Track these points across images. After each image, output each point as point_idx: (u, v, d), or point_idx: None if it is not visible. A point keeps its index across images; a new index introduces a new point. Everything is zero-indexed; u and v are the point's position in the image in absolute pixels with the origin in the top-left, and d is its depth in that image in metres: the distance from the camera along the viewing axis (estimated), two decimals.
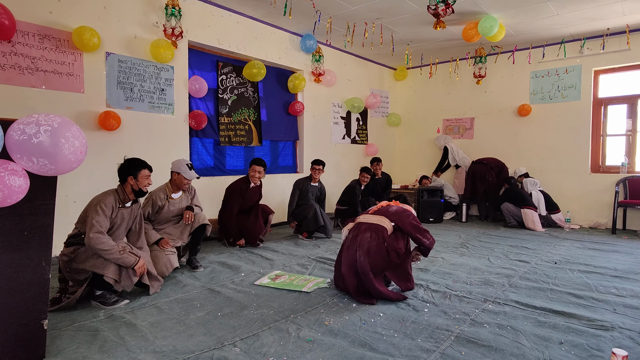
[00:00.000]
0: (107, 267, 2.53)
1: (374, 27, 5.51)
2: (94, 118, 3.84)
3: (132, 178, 2.70)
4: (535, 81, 6.38)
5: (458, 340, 2.11)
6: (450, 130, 7.37)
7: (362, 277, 2.66)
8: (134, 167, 2.71)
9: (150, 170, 2.80)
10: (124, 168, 2.72)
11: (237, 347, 2.02)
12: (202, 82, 4.70)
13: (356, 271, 2.68)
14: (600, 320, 2.36)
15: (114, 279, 2.54)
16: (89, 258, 2.55)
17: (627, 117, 5.80)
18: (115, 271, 2.55)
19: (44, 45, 3.52)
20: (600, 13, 4.93)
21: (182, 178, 3.39)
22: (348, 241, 2.82)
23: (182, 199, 3.52)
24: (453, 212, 6.70)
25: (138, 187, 2.72)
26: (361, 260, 2.64)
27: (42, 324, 1.88)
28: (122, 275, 2.59)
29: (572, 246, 4.51)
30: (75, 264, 2.56)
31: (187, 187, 3.49)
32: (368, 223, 2.83)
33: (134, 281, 2.65)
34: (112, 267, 2.55)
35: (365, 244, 2.69)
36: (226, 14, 4.96)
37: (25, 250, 1.81)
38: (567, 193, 6.08)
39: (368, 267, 2.64)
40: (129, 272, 2.62)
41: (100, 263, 2.54)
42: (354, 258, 2.69)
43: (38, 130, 1.66)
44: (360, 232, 2.77)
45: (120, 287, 2.59)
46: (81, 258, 2.57)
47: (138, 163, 2.74)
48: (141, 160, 2.79)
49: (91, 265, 2.54)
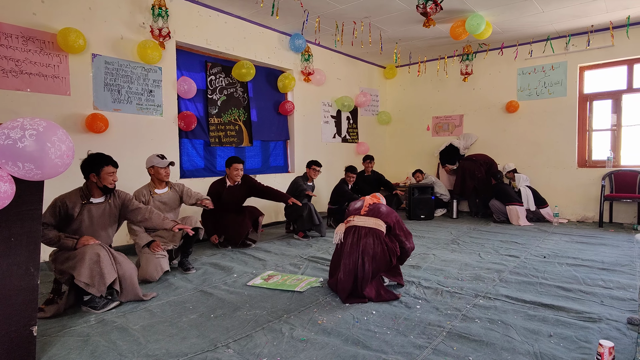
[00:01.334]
0: (79, 269, 2.42)
1: (362, 25, 5.52)
2: (80, 121, 3.78)
3: (94, 175, 2.65)
4: (522, 78, 6.46)
5: (450, 336, 2.14)
6: (439, 128, 7.43)
7: (360, 283, 2.64)
8: (96, 164, 2.65)
9: (115, 166, 2.73)
10: (86, 165, 2.66)
11: (231, 349, 2.02)
12: (190, 82, 4.67)
13: (355, 277, 2.65)
14: (588, 313, 2.41)
15: (84, 282, 2.43)
16: (66, 260, 2.51)
17: (612, 112, 5.91)
18: (87, 274, 2.43)
19: (28, 47, 3.47)
20: (584, 10, 5.01)
21: (157, 169, 3.40)
22: (347, 247, 2.71)
23: (170, 195, 3.51)
24: (444, 208, 6.76)
25: (102, 183, 2.67)
26: (366, 267, 2.63)
27: (31, 330, 1.85)
28: (95, 278, 2.46)
29: (561, 240, 4.59)
30: (57, 264, 2.54)
31: (167, 177, 3.47)
32: (367, 227, 2.76)
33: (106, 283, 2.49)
34: (85, 270, 2.43)
35: (370, 251, 2.66)
36: (214, 14, 4.92)
37: (12, 257, 1.79)
38: (555, 188, 6.18)
39: (371, 273, 2.65)
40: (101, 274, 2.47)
41: (73, 265, 2.46)
42: (356, 265, 2.65)
43: (23, 134, 1.64)
44: (362, 237, 2.71)
45: (94, 291, 2.46)
46: (60, 259, 2.54)
47: (101, 160, 2.67)
48: (105, 156, 2.71)
49: (68, 267, 2.49)
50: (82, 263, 2.44)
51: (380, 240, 2.72)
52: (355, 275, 2.65)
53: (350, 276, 2.65)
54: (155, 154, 3.46)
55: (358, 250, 2.67)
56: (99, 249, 2.54)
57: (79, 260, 2.45)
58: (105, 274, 2.49)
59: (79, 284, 2.43)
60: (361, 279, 2.64)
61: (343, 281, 2.66)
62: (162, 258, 3.15)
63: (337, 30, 5.63)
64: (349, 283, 2.65)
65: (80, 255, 2.47)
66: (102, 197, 2.75)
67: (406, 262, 3.59)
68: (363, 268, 2.64)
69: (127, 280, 2.65)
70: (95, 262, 2.48)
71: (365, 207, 2.88)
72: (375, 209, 2.86)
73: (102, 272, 2.48)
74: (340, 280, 2.67)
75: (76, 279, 2.42)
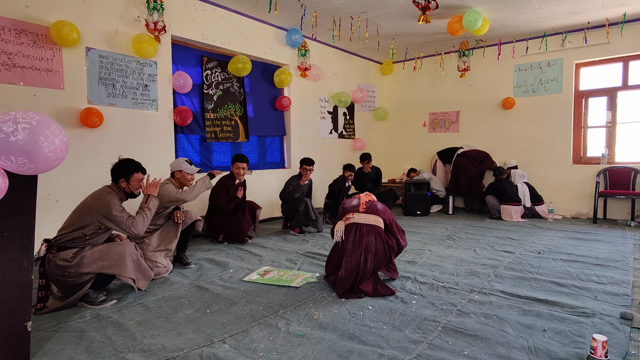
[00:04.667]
0: (122, 267, 2.51)
1: (359, 21, 5.50)
2: (75, 115, 3.75)
3: (123, 181, 2.65)
4: (518, 74, 6.47)
5: (445, 331, 2.15)
6: (436, 124, 7.44)
7: (360, 279, 2.65)
8: (127, 170, 2.65)
9: (144, 172, 2.74)
10: (117, 170, 2.66)
11: (227, 344, 2.02)
12: (186, 77, 4.63)
13: (356, 274, 2.65)
14: (582, 308, 2.43)
15: (132, 279, 2.54)
16: (98, 259, 2.48)
17: (607, 109, 5.94)
18: (132, 270, 2.56)
19: (21, 40, 3.42)
20: (581, 6, 5.02)
21: (185, 174, 3.42)
22: (350, 245, 2.70)
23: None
24: (440, 204, 6.78)
25: (129, 189, 2.68)
26: (369, 264, 2.64)
27: (25, 325, 1.84)
28: (137, 275, 2.60)
29: (555, 236, 4.62)
30: (80, 268, 2.44)
31: (192, 183, 3.49)
32: (368, 224, 2.76)
33: (149, 278, 2.71)
34: (129, 266, 2.54)
35: (372, 248, 2.68)
36: (210, 7, 4.88)
37: (6, 252, 1.77)
38: (550, 184, 6.21)
39: (372, 270, 2.67)
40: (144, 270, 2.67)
41: (113, 264, 2.49)
42: (358, 263, 2.65)
43: (16, 128, 1.61)
44: (364, 235, 2.71)
45: (140, 285, 2.63)
46: (87, 261, 2.46)
47: (132, 166, 2.68)
48: (135, 162, 2.72)
49: (101, 267, 2.47)
50: (124, 261, 2.54)
51: (381, 238, 2.74)
52: (356, 273, 2.65)
53: (352, 274, 2.65)
54: (184, 159, 3.45)
55: (360, 248, 2.68)
56: (135, 248, 2.67)
57: (119, 259, 2.53)
58: (147, 269, 2.71)
59: (126, 280, 2.54)
60: (362, 275, 2.65)
61: (344, 279, 2.65)
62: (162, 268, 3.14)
63: (334, 26, 5.60)
64: (350, 281, 2.65)
65: (119, 255, 2.54)
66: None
67: (402, 258, 3.62)
68: (365, 265, 2.65)
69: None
70: (136, 260, 2.63)
71: (363, 205, 2.88)
72: (372, 206, 2.88)
73: (143, 268, 2.68)
74: (341, 278, 2.66)
75: (122, 276, 2.52)
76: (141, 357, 1.89)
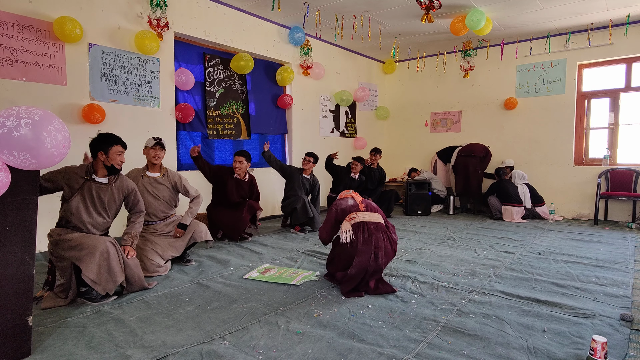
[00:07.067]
0: (87, 263, 2.37)
1: (362, 19, 5.49)
2: (77, 111, 3.75)
3: (102, 154, 2.60)
4: (521, 75, 6.46)
5: (445, 330, 2.15)
6: (438, 124, 7.43)
7: (368, 277, 2.66)
8: (105, 142, 2.61)
9: (124, 146, 2.69)
10: (95, 143, 2.62)
11: (227, 341, 2.02)
12: (188, 74, 4.63)
13: (365, 272, 2.65)
14: (582, 309, 2.43)
15: (91, 280, 2.38)
16: (72, 247, 2.43)
17: (610, 111, 5.92)
18: (96, 271, 2.39)
19: (24, 35, 3.42)
20: (585, 7, 5.00)
21: (147, 150, 3.27)
22: (361, 244, 2.68)
23: (163, 181, 3.32)
24: (440, 204, 6.78)
25: (109, 162, 2.61)
26: (379, 261, 2.66)
27: (27, 320, 1.85)
28: (102, 276, 2.42)
29: (556, 237, 4.62)
30: (59, 250, 2.44)
31: (157, 159, 3.29)
32: (374, 222, 2.78)
33: (116, 282, 2.49)
34: (94, 266, 2.38)
35: (382, 245, 2.70)
36: (212, 5, 4.88)
37: (7, 246, 1.78)
38: (551, 185, 6.20)
39: (383, 266, 2.71)
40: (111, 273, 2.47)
41: (80, 256, 2.39)
42: (369, 261, 2.64)
43: (19, 123, 1.62)
44: (373, 233, 2.73)
45: (100, 289, 2.43)
46: (64, 245, 2.44)
47: (110, 139, 2.63)
48: (114, 135, 2.67)
49: (72, 256, 2.42)
50: (91, 258, 2.39)
51: (386, 235, 2.78)
52: (366, 270, 2.66)
53: (362, 272, 2.65)
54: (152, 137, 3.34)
55: (371, 246, 2.69)
56: (110, 245, 2.50)
57: (88, 254, 2.40)
58: (116, 272, 2.49)
59: (86, 279, 2.39)
60: (372, 272, 2.67)
61: (354, 276, 2.64)
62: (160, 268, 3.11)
63: (337, 24, 5.59)
64: (358, 278, 2.66)
65: (90, 249, 2.41)
66: (106, 178, 2.67)
67: (403, 257, 3.62)
68: (376, 263, 2.66)
69: (134, 276, 2.67)
70: (105, 259, 2.45)
71: (361, 204, 2.89)
72: (369, 204, 2.92)
73: (112, 271, 2.47)
74: (351, 275, 2.64)
75: (83, 274, 2.38)
76: (141, 353, 1.90)
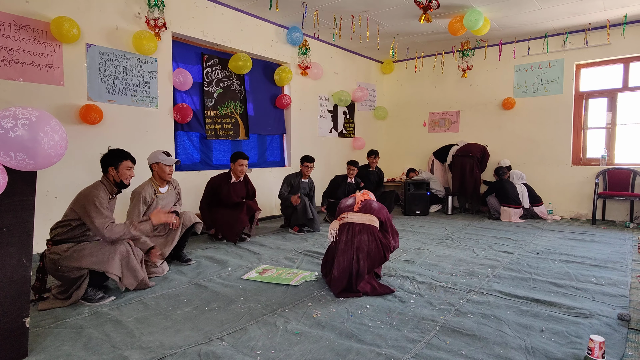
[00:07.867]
0: (111, 264, 2.50)
1: (360, 19, 5.49)
2: (74, 111, 3.74)
3: (112, 169, 2.65)
4: (519, 75, 6.47)
5: (443, 330, 2.15)
6: (436, 124, 7.44)
7: (355, 279, 2.64)
8: (115, 157, 2.66)
9: (133, 162, 2.74)
10: (106, 159, 2.67)
11: (225, 342, 2.02)
12: (186, 74, 4.62)
13: (350, 274, 2.64)
14: (580, 308, 2.43)
15: (117, 276, 2.53)
16: (88, 255, 2.47)
17: (607, 111, 5.94)
18: (119, 267, 2.54)
19: (21, 36, 3.41)
20: (582, 7, 5.01)
21: (163, 167, 3.30)
22: (342, 244, 2.70)
23: (170, 193, 3.45)
24: (439, 204, 6.78)
25: (119, 178, 2.67)
26: (361, 264, 2.63)
27: (23, 321, 1.84)
28: (124, 273, 2.59)
29: (554, 237, 4.63)
30: (70, 262, 2.45)
31: (171, 176, 3.37)
32: (361, 224, 2.75)
33: (138, 278, 2.66)
34: (116, 263, 2.53)
35: (364, 247, 2.66)
36: (211, 5, 4.87)
37: (5, 248, 1.77)
38: (549, 185, 6.22)
39: (366, 269, 2.66)
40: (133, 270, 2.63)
41: (102, 260, 2.49)
42: (351, 263, 2.63)
43: (15, 124, 1.61)
44: (356, 234, 2.70)
45: (122, 286, 2.61)
46: (78, 256, 2.47)
47: (120, 154, 2.69)
48: (124, 151, 2.73)
49: (91, 263, 2.46)
50: (113, 257, 2.52)
51: (374, 237, 2.72)
52: (350, 272, 2.64)
53: (345, 273, 2.64)
54: (161, 150, 3.33)
55: (352, 247, 2.66)
56: (127, 246, 2.64)
57: (109, 256, 2.51)
58: (137, 269, 2.65)
59: (111, 276, 2.51)
60: (355, 276, 2.64)
61: (337, 279, 2.65)
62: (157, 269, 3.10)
63: (335, 24, 5.59)
64: (343, 280, 2.65)
65: (109, 252, 2.53)
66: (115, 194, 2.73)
67: (401, 257, 3.62)
68: (358, 265, 2.63)
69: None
70: (125, 257, 2.60)
71: (357, 204, 2.87)
72: (367, 205, 2.86)
73: (132, 268, 2.63)
74: (335, 278, 2.65)
75: (108, 272, 2.50)
76: (139, 354, 1.89)
